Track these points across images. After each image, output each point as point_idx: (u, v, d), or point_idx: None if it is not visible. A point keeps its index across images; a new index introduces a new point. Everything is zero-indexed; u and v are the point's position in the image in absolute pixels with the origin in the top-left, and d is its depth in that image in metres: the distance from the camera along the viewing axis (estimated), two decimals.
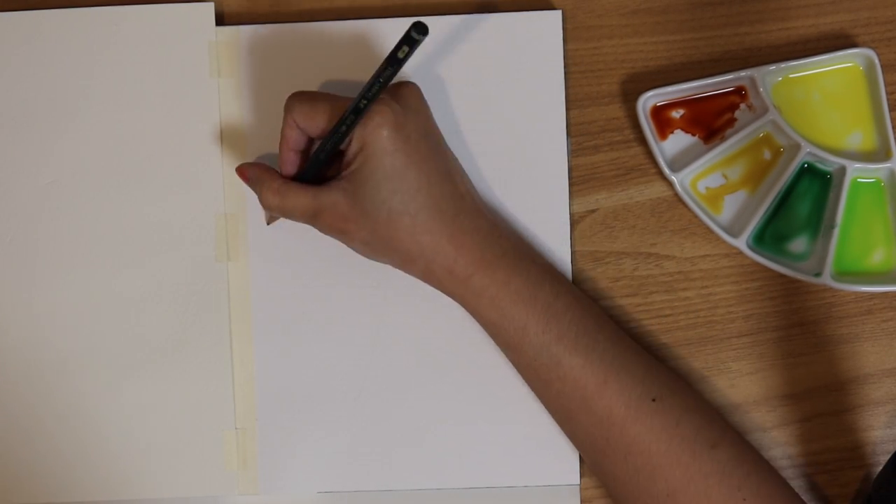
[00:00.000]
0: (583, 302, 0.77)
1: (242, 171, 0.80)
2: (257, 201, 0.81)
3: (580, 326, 0.75)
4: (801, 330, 0.82)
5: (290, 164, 0.79)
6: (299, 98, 0.77)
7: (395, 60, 0.71)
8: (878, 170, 0.81)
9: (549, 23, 0.83)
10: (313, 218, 0.77)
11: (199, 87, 0.83)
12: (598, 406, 0.74)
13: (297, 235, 0.82)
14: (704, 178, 0.82)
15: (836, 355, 0.82)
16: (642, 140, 0.82)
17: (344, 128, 0.74)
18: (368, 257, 0.78)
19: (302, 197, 0.77)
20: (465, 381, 0.82)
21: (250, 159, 0.83)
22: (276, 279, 0.83)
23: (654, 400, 0.74)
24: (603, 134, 0.83)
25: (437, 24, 0.83)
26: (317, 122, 0.76)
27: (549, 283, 0.76)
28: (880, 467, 0.78)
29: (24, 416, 0.83)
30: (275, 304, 0.83)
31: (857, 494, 0.81)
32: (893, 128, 0.81)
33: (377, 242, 0.76)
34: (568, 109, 0.83)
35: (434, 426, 0.82)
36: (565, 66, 0.83)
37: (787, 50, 0.83)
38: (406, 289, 0.82)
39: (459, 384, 0.82)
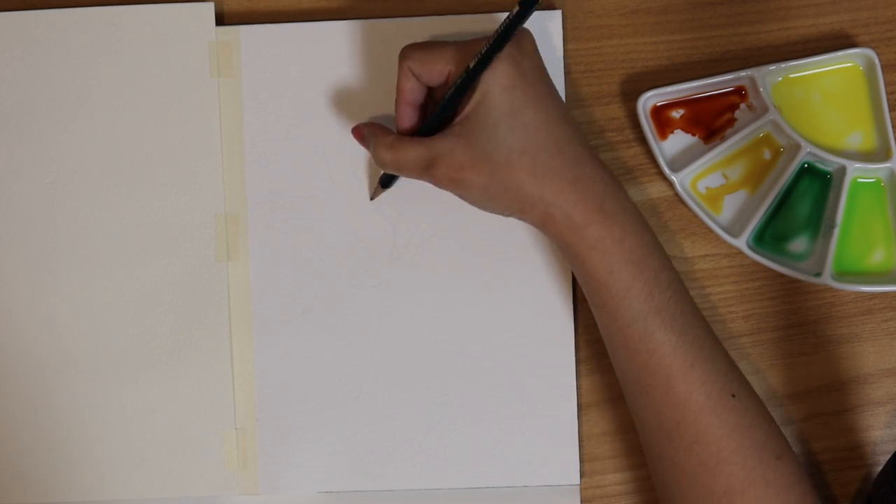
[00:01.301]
0: (682, 283, 0.75)
1: (358, 129, 0.79)
2: (257, 201, 0.82)
3: (679, 304, 0.74)
4: (801, 330, 0.82)
5: (408, 119, 0.77)
6: (416, 46, 0.75)
7: (529, 4, 0.70)
8: (878, 170, 0.81)
9: (550, 23, 0.83)
10: (427, 169, 0.74)
11: (200, 86, 0.83)
12: (679, 388, 0.72)
13: (297, 235, 0.82)
14: (704, 178, 0.82)
15: (836, 355, 0.82)
16: (642, 140, 0.82)
17: (469, 74, 0.72)
18: (484, 208, 0.75)
19: (416, 148, 0.74)
20: (465, 382, 0.82)
21: (250, 159, 0.83)
22: (276, 279, 0.83)
23: (733, 396, 0.73)
24: (603, 134, 0.83)
25: (436, 25, 0.83)
26: (436, 68, 0.74)
27: (658, 252, 0.74)
28: (880, 467, 0.78)
29: (24, 415, 0.83)
30: (275, 304, 0.83)
31: (857, 494, 0.81)
32: (893, 128, 0.81)
33: (496, 186, 0.72)
34: (568, 109, 0.83)
35: (434, 426, 0.82)
36: (566, 66, 0.83)
37: (787, 50, 0.83)
38: (406, 288, 0.82)
39: (459, 384, 0.82)
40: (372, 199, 0.82)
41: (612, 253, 0.72)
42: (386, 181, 0.81)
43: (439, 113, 0.75)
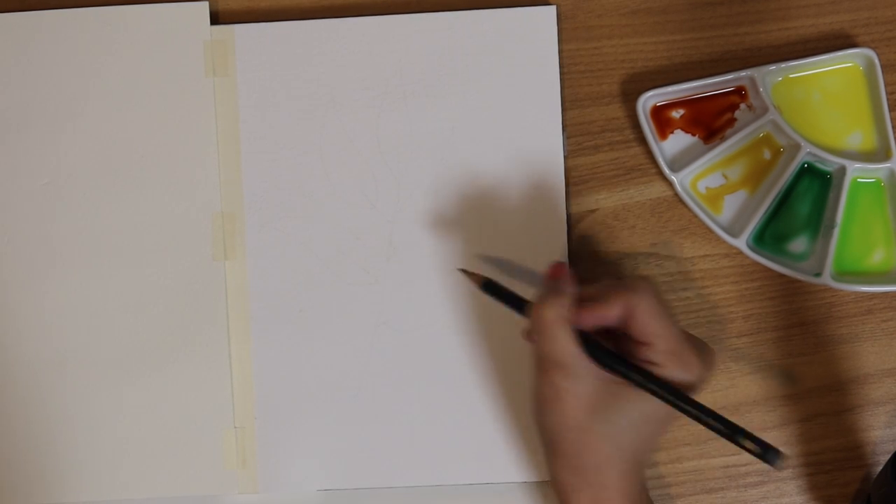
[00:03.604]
0: None
1: (561, 268, 0.75)
2: (254, 199, 0.81)
3: None
4: (801, 330, 0.82)
5: (581, 325, 0.73)
6: (653, 310, 0.71)
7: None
8: (878, 170, 0.81)
9: (544, 18, 0.83)
10: (547, 359, 0.72)
11: (195, 86, 0.83)
12: None
13: (294, 234, 0.82)
14: (704, 178, 0.82)
15: (836, 355, 0.82)
16: (642, 140, 0.82)
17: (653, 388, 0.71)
18: (541, 421, 0.74)
19: (567, 342, 0.71)
20: (463, 378, 0.82)
21: (246, 158, 0.83)
22: (273, 277, 0.83)
23: None
24: (603, 134, 0.83)
25: (431, 21, 0.83)
26: (651, 341, 0.72)
27: None
28: (880, 467, 0.78)
29: (22, 416, 0.82)
30: (272, 303, 0.82)
31: (857, 494, 0.81)
32: (893, 128, 0.81)
33: (569, 433, 0.72)
34: (568, 109, 0.83)
35: (433, 423, 0.82)
36: (565, 66, 0.83)
37: (787, 50, 0.83)
38: (404, 287, 0.82)
39: (458, 381, 0.82)
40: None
41: None
42: (491, 290, 0.78)
43: (600, 354, 0.72)
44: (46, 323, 0.82)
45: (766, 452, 0.68)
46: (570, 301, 0.72)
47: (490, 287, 0.77)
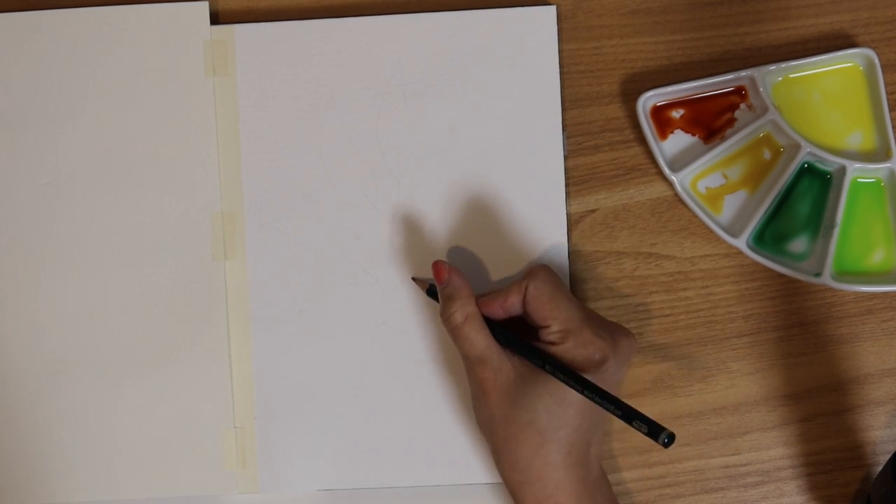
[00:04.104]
0: None
1: (441, 270, 0.77)
2: (254, 199, 0.81)
3: None
4: (801, 330, 0.82)
5: (492, 316, 0.76)
6: (543, 292, 0.75)
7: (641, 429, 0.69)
8: (878, 170, 0.81)
9: (544, 18, 0.83)
10: (467, 359, 0.75)
11: (195, 86, 0.83)
12: None
13: (294, 234, 0.82)
14: (704, 177, 0.82)
15: (836, 355, 0.82)
16: (642, 140, 0.82)
17: (559, 374, 0.73)
18: (477, 419, 0.77)
19: (479, 338, 0.75)
20: (464, 378, 0.82)
21: (246, 158, 0.83)
22: (273, 277, 0.83)
23: None
24: (603, 134, 0.83)
25: (431, 21, 0.83)
26: (547, 323, 0.74)
27: None
28: (880, 467, 0.78)
29: (22, 416, 0.82)
30: (272, 303, 0.82)
31: (857, 494, 0.81)
32: (893, 128, 0.81)
33: (497, 426, 0.74)
34: (568, 109, 0.83)
35: (433, 423, 0.82)
36: (565, 66, 0.83)
37: (787, 50, 0.83)
38: (404, 287, 0.82)
39: (458, 381, 0.82)
40: (414, 278, 0.82)
41: None
42: (433, 293, 0.81)
43: (507, 340, 0.75)
44: (46, 323, 0.82)
45: (653, 431, 0.68)
46: (470, 297, 0.76)
47: (433, 292, 0.80)
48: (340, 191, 0.83)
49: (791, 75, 0.82)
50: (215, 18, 0.84)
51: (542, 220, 0.82)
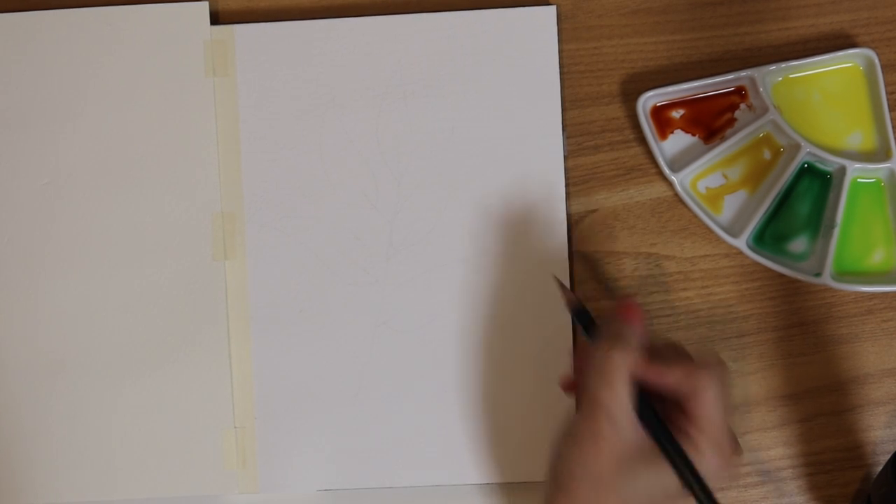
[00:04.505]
0: None
1: (634, 312, 0.72)
2: (254, 199, 0.81)
3: None
4: (801, 330, 0.82)
5: (642, 378, 0.71)
6: (719, 408, 0.69)
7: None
8: (878, 170, 0.81)
9: (544, 18, 0.83)
10: (596, 404, 0.69)
11: (195, 86, 0.83)
12: None
13: (294, 234, 0.82)
14: (704, 178, 0.82)
15: (836, 355, 0.82)
16: (642, 140, 0.82)
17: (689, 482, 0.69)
18: (560, 454, 0.71)
19: (623, 394, 0.69)
20: (464, 378, 0.82)
21: (246, 158, 0.83)
22: (273, 277, 0.83)
23: None
24: (603, 134, 0.83)
25: (431, 21, 0.83)
26: (705, 436, 0.69)
27: None
28: (880, 467, 0.78)
29: (22, 416, 0.82)
30: (272, 303, 0.82)
31: (857, 494, 0.81)
32: (893, 128, 0.81)
33: (586, 481, 0.68)
34: (568, 109, 0.83)
35: (433, 423, 0.82)
36: (565, 66, 0.83)
37: (787, 50, 0.83)
38: (404, 287, 0.82)
39: (458, 381, 0.82)
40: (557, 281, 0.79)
41: None
42: (583, 320, 0.75)
43: (649, 423, 0.70)
44: (46, 323, 0.82)
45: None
46: (639, 352, 0.70)
47: (578, 312, 0.75)
48: (340, 191, 0.83)
49: (791, 75, 0.82)
50: (215, 18, 0.84)
51: (542, 220, 0.82)
